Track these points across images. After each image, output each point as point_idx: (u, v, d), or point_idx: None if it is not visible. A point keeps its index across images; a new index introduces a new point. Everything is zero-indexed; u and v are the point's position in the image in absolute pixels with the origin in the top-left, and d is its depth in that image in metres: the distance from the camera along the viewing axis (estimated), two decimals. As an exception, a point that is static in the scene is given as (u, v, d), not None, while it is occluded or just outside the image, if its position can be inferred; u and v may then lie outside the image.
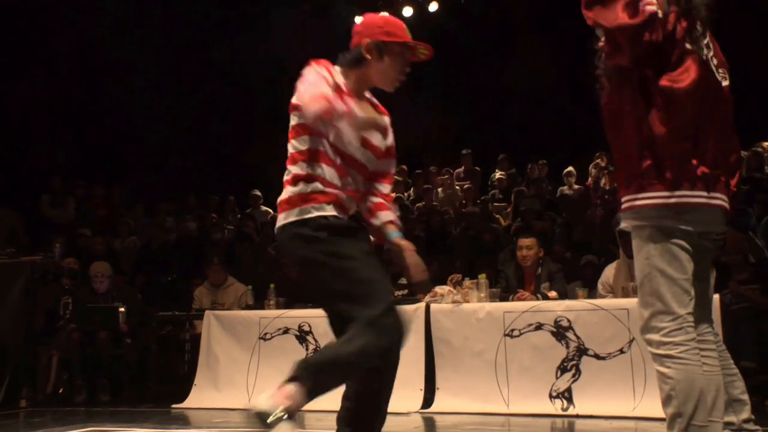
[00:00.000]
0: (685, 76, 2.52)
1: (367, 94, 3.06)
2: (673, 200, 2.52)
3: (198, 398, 6.43)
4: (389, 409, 5.59)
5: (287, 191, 2.90)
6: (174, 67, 13.14)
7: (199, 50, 13.29)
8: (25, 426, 5.75)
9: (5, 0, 11.16)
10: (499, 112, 13.71)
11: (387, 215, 3.11)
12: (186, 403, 6.44)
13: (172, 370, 7.81)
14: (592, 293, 5.96)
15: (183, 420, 5.92)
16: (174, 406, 6.43)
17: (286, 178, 2.92)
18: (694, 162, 2.53)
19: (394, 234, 3.10)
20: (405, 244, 3.08)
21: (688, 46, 2.55)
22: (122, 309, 7.53)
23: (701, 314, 2.68)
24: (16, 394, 6.91)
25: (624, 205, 2.64)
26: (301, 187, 2.85)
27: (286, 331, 6.22)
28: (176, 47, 12.98)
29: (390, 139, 3.12)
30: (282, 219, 2.89)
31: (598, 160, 11.74)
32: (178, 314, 7.82)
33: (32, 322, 7.35)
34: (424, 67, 3.21)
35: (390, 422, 5.13)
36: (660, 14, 2.47)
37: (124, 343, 7.55)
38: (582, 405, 5.19)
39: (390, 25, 3.00)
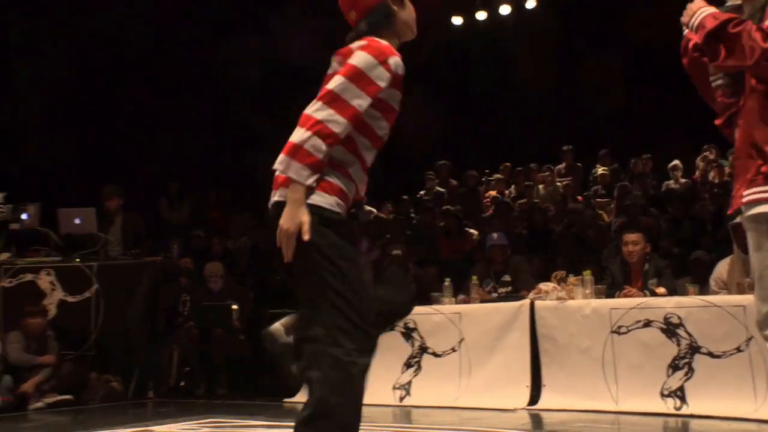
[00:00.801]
0: None
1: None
2: None
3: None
4: (496, 406, 5.58)
5: None
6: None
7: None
8: (153, 415, 6.05)
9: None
10: (599, 105, 13.36)
11: None
12: (297, 398, 6.58)
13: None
14: (703, 290, 5.72)
15: (295, 414, 6.03)
16: (286, 400, 6.58)
17: None
18: None
19: None
20: None
21: None
22: (235, 307, 7.78)
23: None
24: (145, 386, 7.30)
25: (746, 198, 2.53)
26: None
27: (392, 328, 6.25)
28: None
29: None
30: None
31: (707, 153, 11.28)
32: (288, 311, 7.97)
33: (155, 319, 7.71)
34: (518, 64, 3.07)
35: (496, 418, 5.11)
36: None
37: (238, 339, 7.79)
38: (696, 404, 4.99)
39: None
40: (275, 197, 2.53)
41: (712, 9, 2.65)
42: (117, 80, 12.24)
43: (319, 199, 2.43)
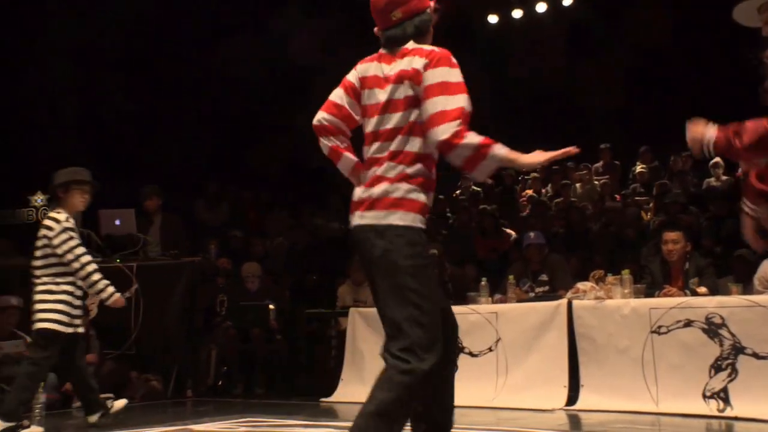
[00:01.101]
0: None
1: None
2: None
3: (345, 392, 6.56)
4: (533, 406, 5.52)
5: None
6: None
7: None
8: (192, 414, 6.10)
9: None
10: (637, 103, 13.17)
11: None
12: (333, 397, 6.59)
13: (320, 365, 8.00)
14: (747, 289, 5.58)
15: (331, 414, 6.06)
16: (322, 399, 6.59)
17: None
18: None
19: None
20: None
21: None
22: (272, 307, 7.81)
23: None
24: (183, 385, 7.36)
25: None
26: None
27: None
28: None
29: None
30: None
31: (749, 150, 11.02)
32: (324, 312, 8.01)
33: (193, 319, 7.77)
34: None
35: (534, 419, 5.05)
36: None
37: (275, 339, 7.82)
38: (741, 407, 4.86)
39: None
40: (361, 220, 2.68)
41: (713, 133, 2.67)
42: (154, 82, 12.38)
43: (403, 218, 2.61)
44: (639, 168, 11.63)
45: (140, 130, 12.33)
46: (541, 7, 13.30)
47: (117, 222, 7.68)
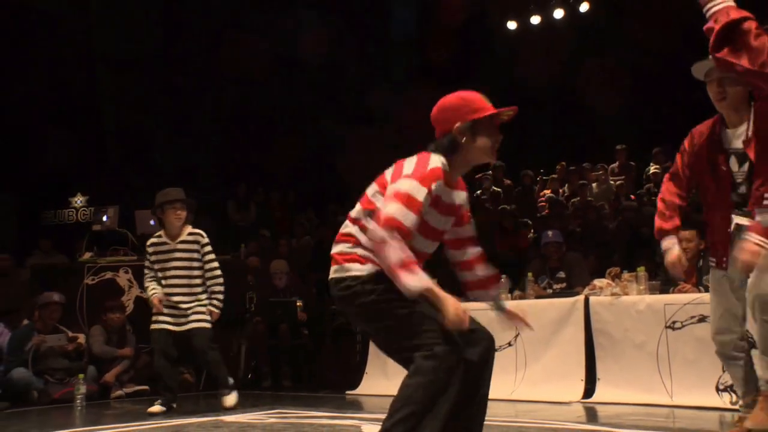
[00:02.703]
0: None
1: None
2: None
3: (369, 385, 6.59)
4: (551, 399, 5.52)
5: None
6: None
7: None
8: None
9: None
10: (651, 105, 13.08)
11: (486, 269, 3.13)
12: (358, 390, 6.63)
13: (345, 359, 8.05)
14: (759, 285, 5.53)
15: (357, 405, 6.10)
16: (348, 392, 6.63)
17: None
18: None
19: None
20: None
21: None
22: (299, 303, 7.86)
23: None
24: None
25: None
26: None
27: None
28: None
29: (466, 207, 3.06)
30: None
31: (761, 150, 10.91)
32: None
33: (224, 315, 7.83)
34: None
35: (552, 411, 5.05)
36: None
37: (302, 334, 7.87)
38: (752, 399, 4.83)
39: (472, 101, 2.77)
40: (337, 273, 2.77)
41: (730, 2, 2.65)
42: (183, 90, 12.52)
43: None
44: (653, 168, 11.55)
45: (172, 135, 12.47)
46: (558, 14, 13.27)
47: (152, 222, 7.77)
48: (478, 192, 12.26)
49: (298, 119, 13.20)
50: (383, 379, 6.53)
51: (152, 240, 5.77)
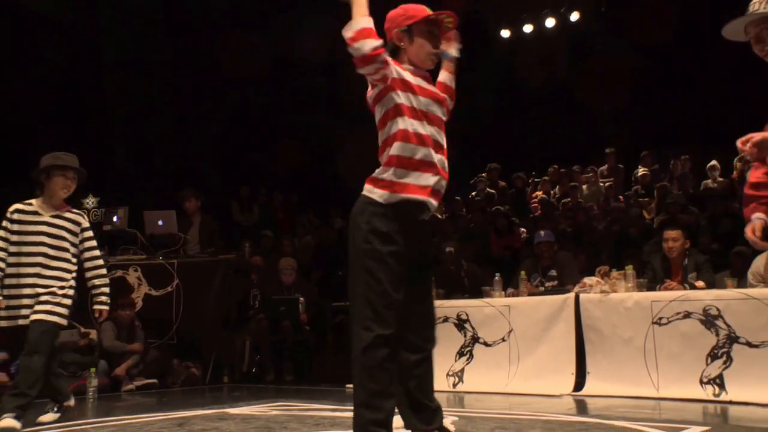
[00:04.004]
0: None
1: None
2: None
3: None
4: (543, 392, 5.55)
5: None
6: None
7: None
8: (229, 399, 6.18)
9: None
10: (640, 110, 13.13)
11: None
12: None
13: (345, 354, 8.07)
14: (742, 283, 5.58)
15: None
16: (348, 386, 6.62)
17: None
18: None
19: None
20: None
21: None
22: (302, 300, 7.89)
23: None
24: (220, 372, 7.47)
25: None
26: None
27: (445, 319, 6.28)
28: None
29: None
30: None
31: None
32: (349, 304, 8.06)
33: (229, 312, 7.88)
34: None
35: (543, 404, 5.08)
36: None
37: (304, 330, 7.90)
38: (735, 391, 4.88)
39: (410, 9, 2.96)
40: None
41: None
42: (189, 93, 12.53)
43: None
44: (641, 171, 11.62)
45: (177, 137, 12.49)
46: (549, 22, 13.31)
47: (160, 222, 7.81)
48: (473, 194, 12.30)
49: (299, 121, 13.20)
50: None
51: (18, 206, 4.51)
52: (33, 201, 4.57)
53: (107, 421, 4.60)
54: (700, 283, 5.61)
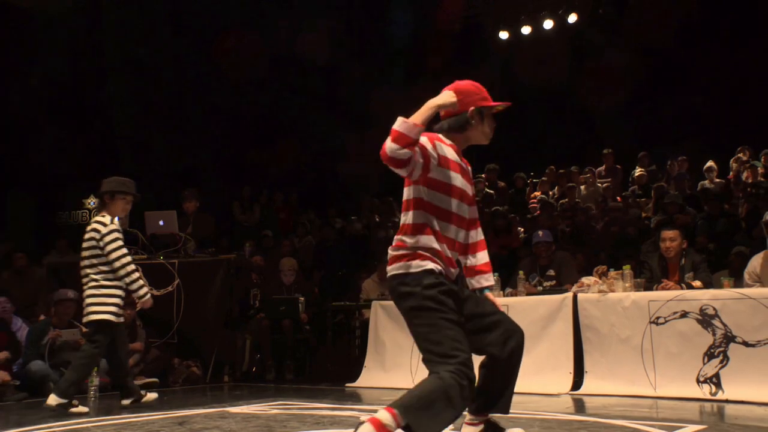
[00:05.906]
0: None
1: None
2: None
3: (368, 378, 6.62)
4: (541, 390, 5.55)
5: None
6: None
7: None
8: (229, 397, 6.15)
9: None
10: (636, 110, 13.13)
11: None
12: (358, 383, 6.65)
13: (345, 353, 8.07)
14: (738, 283, 5.57)
15: (356, 397, 6.11)
16: (347, 384, 6.65)
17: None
18: None
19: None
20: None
21: None
22: (302, 299, 7.89)
23: None
24: (221, 371, 7.45)
25: None
26: None
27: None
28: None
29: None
30: None
31: (740, 155, 10.98)
32: (349, 304, 8.07)
33: (230, 311, 7.87)
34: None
35: (541, 402, 5.07)
36: None
37: (304, 329, 7.89)
38: (732, 390, 4.88)
39: (483, 91, 3.06)
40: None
41: None
42: (190, 94, 12.52)
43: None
44: (638, 172, 11.63)
45: (178, 138, 12.48)
46: (547, 24, 13.31)
47: (161, 222, 7.79)
48: (472, 194, 12.28)
49: (300, 122, 13.20)
50: (381, 372, 6.56)
51: (111, 226, 5.28)
52: (108, 215, 5.32)
53: (108, 420, 4.59)
54: (697, 283, 5.60)
